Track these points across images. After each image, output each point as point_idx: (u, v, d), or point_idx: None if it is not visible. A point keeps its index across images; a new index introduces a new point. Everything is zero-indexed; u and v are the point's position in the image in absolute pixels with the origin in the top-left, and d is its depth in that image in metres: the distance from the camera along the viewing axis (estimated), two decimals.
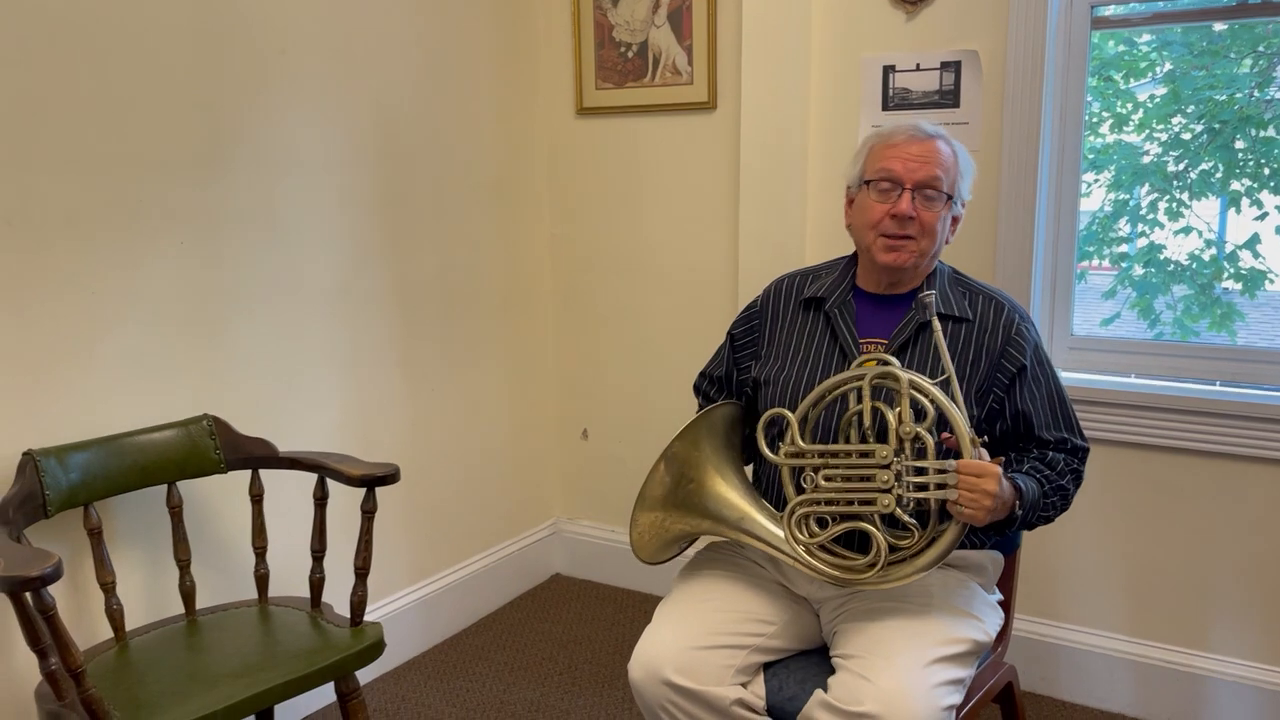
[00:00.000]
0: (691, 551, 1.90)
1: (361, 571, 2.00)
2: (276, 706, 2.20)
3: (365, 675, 2.62)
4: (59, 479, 1.83)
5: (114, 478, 1.93)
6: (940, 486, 1.52)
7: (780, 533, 1.64)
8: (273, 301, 2.33)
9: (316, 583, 2.06)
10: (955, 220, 1.77)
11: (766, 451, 1.68)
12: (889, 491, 1.55)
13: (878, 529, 1.56)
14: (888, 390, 1.60)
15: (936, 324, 1.60)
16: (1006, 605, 1.87)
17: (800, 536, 1.61)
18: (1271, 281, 2.38)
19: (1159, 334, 2.47)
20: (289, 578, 2.36)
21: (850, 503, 1.58)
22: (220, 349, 2.22)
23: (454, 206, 2.82)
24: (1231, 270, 2.41)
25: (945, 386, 1.56)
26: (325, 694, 2.46)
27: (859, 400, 1.61)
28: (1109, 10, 2.36)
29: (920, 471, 1.54)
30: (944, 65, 2.47)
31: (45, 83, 1.87)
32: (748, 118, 2.72)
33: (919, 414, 1.55)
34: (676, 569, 1.90)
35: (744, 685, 1.65)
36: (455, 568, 2.95)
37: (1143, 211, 2.49)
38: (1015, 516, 1.60)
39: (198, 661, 1.82)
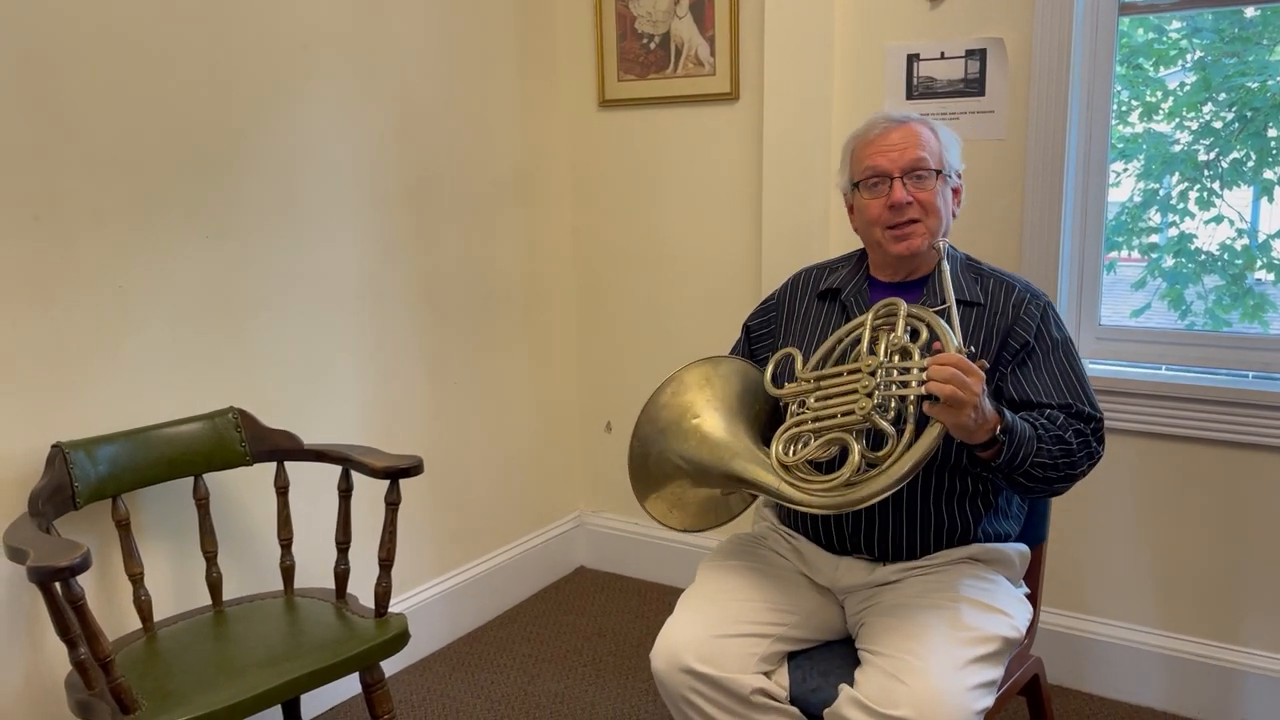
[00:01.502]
0: (714, 543, 1.89)
1: (385, 563, 2.01)
2: (302, 697, 2.23)
3: (390, 666, 2.63)
4: (87, 471, 1.85)
5: (141, 470, 1.95)
6: (920, 385, 1.48)
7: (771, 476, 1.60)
8: (297, 295, 2.34)
9: (341, 574, 2.08)
10: (956, 192, 1.78)
11: (770, 386, 1.69)
12: (870, 396, 1.51)
13: (855, 441, 1.51)
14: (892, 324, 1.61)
15: (945, 266, 1.63)
16: (1034, 598, 1.85)
17: (785, 457, 1.58)
18: None
19: (1190, 324, 2.44)
20: (314, 569, 2.38)
21: (834, 416, 1.55)
22: (245, 342, 2.24)
23: (476, 200, 2.82)
24: (1264, 260, 2.37)
25: (944, 315, 1.56)
26: (351, 685, 2.48)
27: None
28: None
29: (904, 374, 1.51)
30: (969, 53, 2.45)
31: (71, 81, 1.88)
32: (771, 108, 2.70)
33: (914, 335, 1.56)
34: (699, 562, 1.89)
35: (768, 675, 1.65)
36: (479, 560, 2.96)
37: (1173, 201, 2.45)
38: (998, 442, 1.52)
39: (225, 652, 1.83)
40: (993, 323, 1.72)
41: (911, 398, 1.49)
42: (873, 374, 1.53)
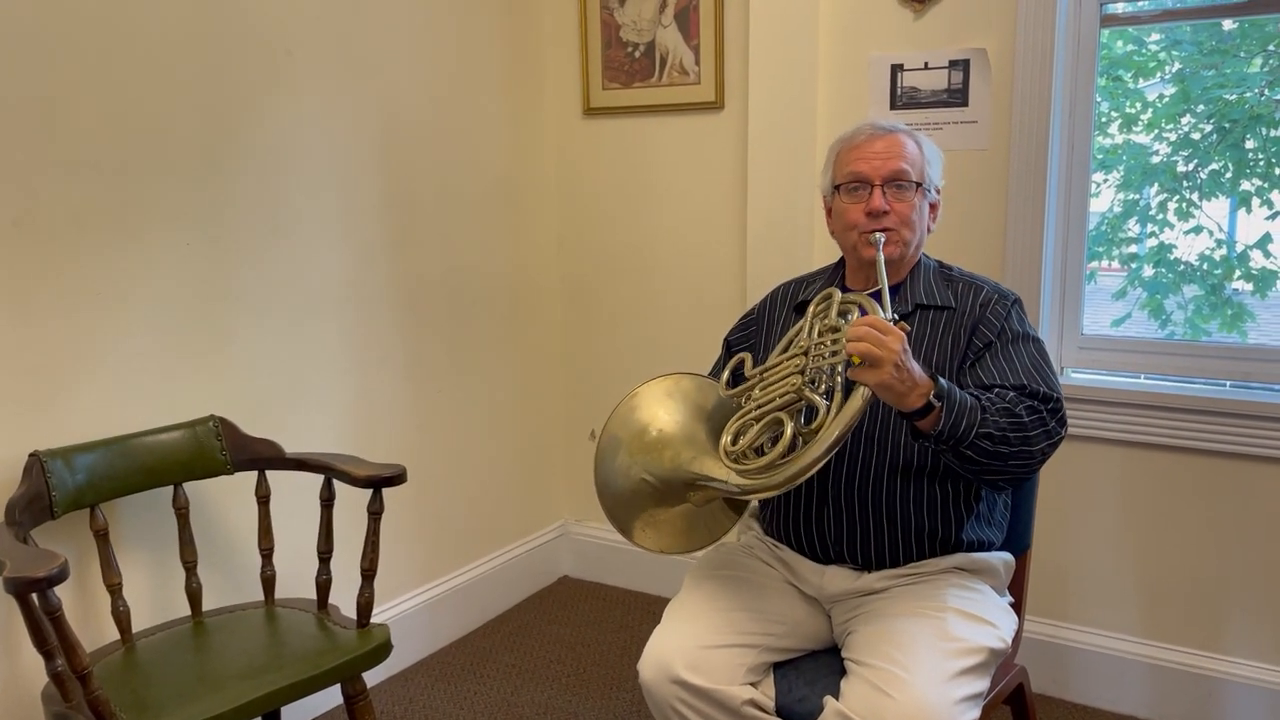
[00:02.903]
0: (700, 553, 1.88)
1: (368, 573, 2.00)
2: (283, 708, 2.20)
3: (372, 677, 2.61)
4: (65, 480, 1.83)
5: (120, 479, 1.93)
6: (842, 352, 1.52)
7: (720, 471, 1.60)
8: (279, 302, 2.33)
9: (323, 584, 2.06)
10: (934, 207, 1.81)
11: (723, 389, 1.72)
12: (802, 374, 1.56)
13: (790, 420, 1.53)
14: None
15: (881, 259, 1.68)
16: (1018, 607, 1.86)
17: (730, 448, 1.59)
18: None
19: (1170, 334, 2.46)
20: (295, 579, 2.36)
21: (773, 400, 1.58)
22: (227, 350, 2.22)
23: (461, 207, 2.82)
24: (1242, 270, 2.40)
25: (877, 297, 1.60)
26: (332, 696, 2.45)
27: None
28: (1118, 8, 2.35)
29: (832, 346, 1.55)
30: (952, 64, 2.46)
31: (53, 85, 1.87)
32: (755, 117, 2.71)
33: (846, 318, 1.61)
34: (686, 572, 1.89)
35: (754, 685, 1.64)
36: (462, 569, 2.94)
37: (1152, 211, 2.47)
38: (931, 407, 1.50)
39: (204, 663, 1.81)
40: (961, 323, 1.74)
41: (840, 367, 1.52)
42: (805, 354, 1.58)
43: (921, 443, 1.59)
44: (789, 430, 1.51)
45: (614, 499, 1.69)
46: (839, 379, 1.52)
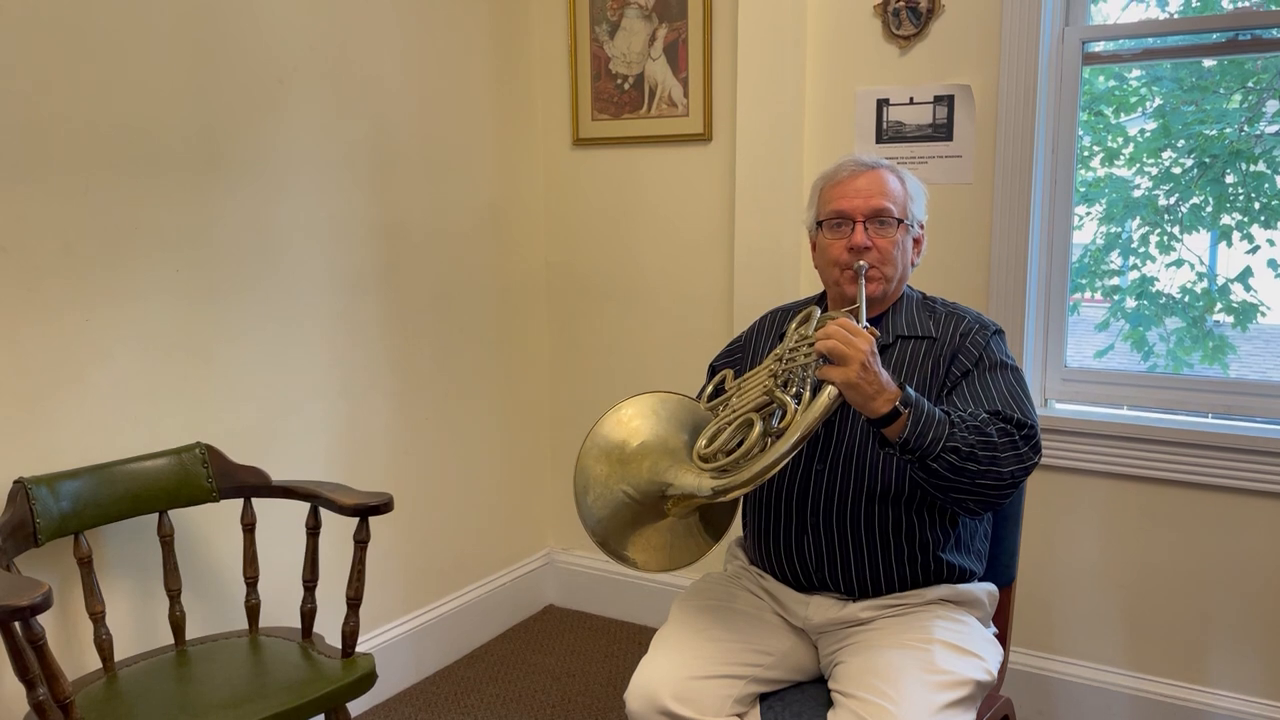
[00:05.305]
0: (686, 582, 1.89)
1: (353, 602, 1.99)
2: None
3: (356, 707, 2.59)
4: (50, 507, 1.82)
5: (105, 506, 1.92)
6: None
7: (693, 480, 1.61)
8: (267, 329, 2.33)
9: (308, 613, 2.05)
10: (917, 242, 1.83)
11: (703, 403, 1.75)
12: (774, 377, 1.60)
13: (759, 420, 1.55)
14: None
15: (863, 283, 1.72)
16: (1003, 639, 1.86)
17: (703, 450, 1.60)
18: (1263, 315, 2.39)
19: (1152, 366, 2.48)
20: (280, 608, 2.34)
21: (746, 405, 1.61)
22: (214, 377, 2.22)
23: (450, 235, 2.83)
24: (1223, 303, 2.43)
25: (854, 315, 1.65)
26: None
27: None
28: (1099, 46, 2.39)
29: (806, 349, 1.60)
30: (937, 99, 2.50)
31: (40, 109, 1.88)
32: (743, 149, 2.74)
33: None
34: (672, 601, 1.88)
35: (740, 716, 1.64)
36: (448, 598, 2.93)
37: (1134, 245, 2.50)
38: (898, 413, 1.51)
39: (187, 692, 1.80)
40: (941, 352, 1.76)
41: (811, 369, 1.56)
42: (779, 359, 1.63)
43: (888, 452, 1.59)
44: (757, 428, 1.54)
45: (597, 520, 1.69)
46: (809, 382, 1.56)
